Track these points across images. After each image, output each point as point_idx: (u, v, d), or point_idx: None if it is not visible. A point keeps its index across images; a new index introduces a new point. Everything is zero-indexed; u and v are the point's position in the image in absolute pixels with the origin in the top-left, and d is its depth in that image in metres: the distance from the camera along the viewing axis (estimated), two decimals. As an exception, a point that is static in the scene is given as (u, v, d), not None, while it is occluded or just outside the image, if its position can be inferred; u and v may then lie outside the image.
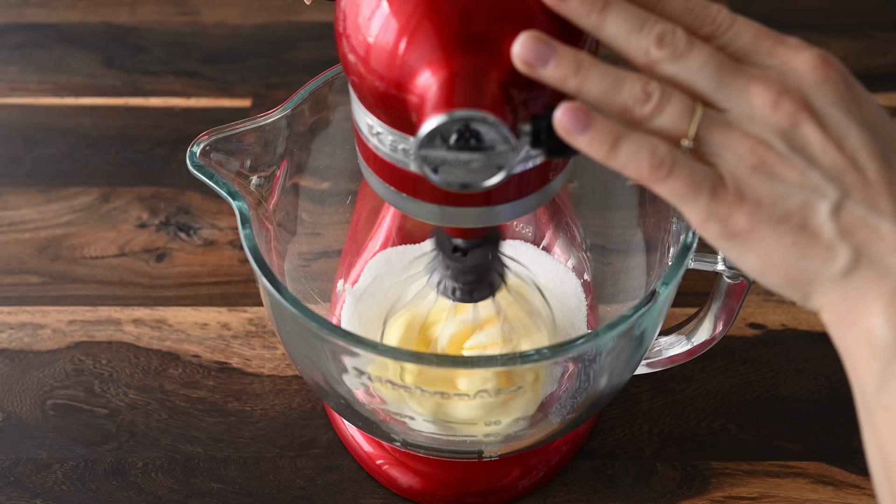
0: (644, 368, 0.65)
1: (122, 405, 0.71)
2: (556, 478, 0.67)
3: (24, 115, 0.91)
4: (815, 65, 0.41)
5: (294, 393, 0.72)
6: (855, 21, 1.00)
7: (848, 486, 0.67)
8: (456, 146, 0.41)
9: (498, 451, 0.60)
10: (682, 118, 0.41)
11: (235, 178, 0.56)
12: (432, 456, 0.61)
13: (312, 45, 0.97)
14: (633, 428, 0.70)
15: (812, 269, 0.41)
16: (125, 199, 0.84)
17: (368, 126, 0.46)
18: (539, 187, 0.47)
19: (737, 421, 0.70)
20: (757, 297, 0.77)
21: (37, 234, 0.81)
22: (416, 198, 0.47)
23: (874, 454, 0.42)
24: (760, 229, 0.40)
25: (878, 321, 0.40)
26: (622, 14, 0.41)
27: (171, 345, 0.75)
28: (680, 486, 0.67)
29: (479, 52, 0.41)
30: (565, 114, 0.40)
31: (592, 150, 0.40)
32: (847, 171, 0.40)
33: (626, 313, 0.52)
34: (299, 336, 0.55)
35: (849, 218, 0.40)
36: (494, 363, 0.50)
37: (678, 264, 0.54)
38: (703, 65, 0.41)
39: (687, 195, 0.40)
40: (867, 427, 0.42)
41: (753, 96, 0.41)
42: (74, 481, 0.67)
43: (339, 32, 0.45)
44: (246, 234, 0.54)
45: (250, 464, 0.68)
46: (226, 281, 0.78)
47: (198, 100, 0.92)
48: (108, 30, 0.98)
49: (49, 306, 0.77)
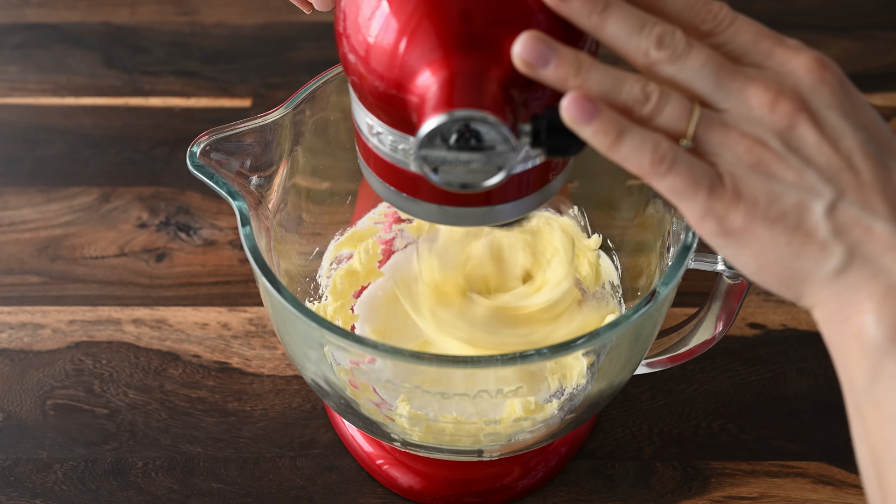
0: (644, 368, 0.65)
1: (122, 405, 0.71)
2: (556, 478, 0.67)
3: (24, 115, 0.91)
4: (812, 67, 0.42)
5: (294, 393, 0.72)
6: (855, 21, 1.00)
7: (848, 486, 0.67)
8: (456, 146, 0.41)
9: (498, 452, 0.60)
10: (680, 118, 0.41)
11: (235, 178, 0.56)
12: (432, 456, 0.61)
13: (312, 45, 0.97)
14: (633, 428, 0.70)
15: (806, 268, 0.41)
16: (125, 199, 0.84)
17: (368, 126, 0.46)
18: (539, 187, 0.47)
19: (737, 421, 0.70)
20: (757, 297, 0.77)
21: (37, 234, 0.81)
22: (416, 198, 0.47)
23: (863, 451, 0.42)
24: (756, 228, 0.41)
25: (869, 319, 0.40)
26: (622, 15, 0.41)
27: (171, 345, 0.75)
28: (680, 486, 0.67)
29: (479, 52, 0.41)
30: (573, 103, 0.40)
31: (597, 141, 0.41)
32: (842, 172, 0.41)
33: (626, 313, 0.52)
34: (299, 336, 0.55)
35: (843, 218, 0.41)
36: (494, 363, 0.50)
37: (678, 264, 0.54)
38: (702, 66, 0.41)
39: (685, 192, 0.41)
40: (856, 424, 0.43)
41: (751, 97, 0.41)
42: (74, 481, 0.67)
43: (339, 32, 0.45)
44: (246, 234, 0.54)
45: (250, 464, 0.68)
46: (226, 281, 0.78)
47: (198, 100, 0.92)
48: (108, 30, 0.99)
49: (49, 306, 0.77)
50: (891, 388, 0.40)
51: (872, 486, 0.42)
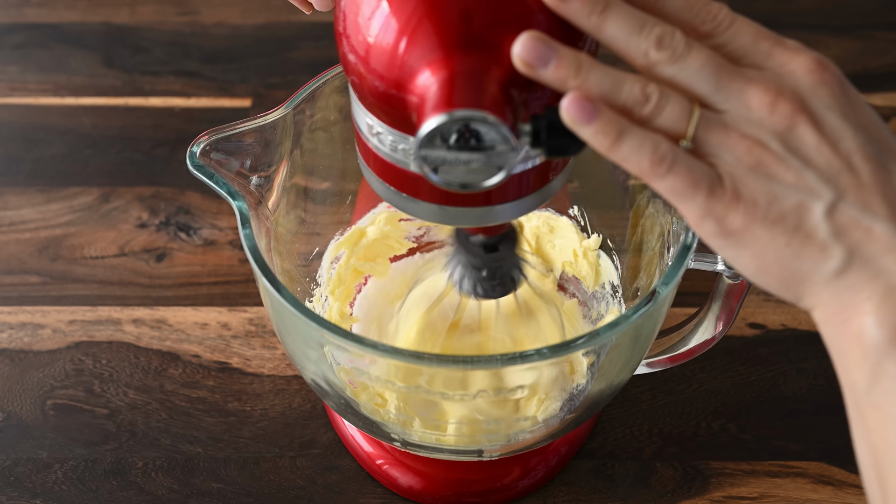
0: (644, 368, 0.65)
1: (122, 405, 0.71)
2: (556, 478, 0.67)
3: (24, 115, 0.91)
4: (811, 68, 0.42)
5: (294, 393, 0.72)
6: (855, 21, 1.00)
7: (848, 486, 0.67)
8: (456, 146, 0.41)
9: (498, 452, 0.60)
10: (680, 119, 0.41)
11: (235, 178, 0.56)
12: (432, 456, 0.61)
13: (312, 45, 0.97)
14: (633, 428, 0.70)
15: (805, 269, 0.41)
16: (125, 199, 0.84)
17: (368, 126, 0.46)
18: (539, 187, 0.47)
19: (737, 421, 0.70)
20: (757, 297, 0.77)
21: (37, 234, 0.81)
22: (416, 198, 0.47)
23: (864, 452, 0.42)
24: (756, 229, 0.41)
25: (869, 321, 0.40)
26: (622, 16, 0.41)
27: (171, 345, 0.75)
28: (680, 486, 0.67)
29: (479, 52, 0.41)
30: (573, 103, 0.40)
31: (597, 141, 0.40)
32: (842, 173, 0.41)
33: (626, 313, 0.52)
34: (299, 336, 0.55)
35: (843, 219, 0.41)
36: (494, 363, 0.50)
37: (678, 264, 0.54)
38: (702, 67, 0.41)
39: (685, 192, 0.41)
40: (857, 425, 0.43)
41: (751, 98, 0.41)
42: (74, 481, 0.67)
43: (339, 32, 0.45)
44: (246, 234, 0.54)
45: (250, 464, 0.68)
46: (226, 281, 0.78)
47: (198, 100, 0.92)
48: (108, 30, 0.99)
49: (49, 306, 0.77)
50: (891, 389, 0.40)
51: (873, 488, 0.42)
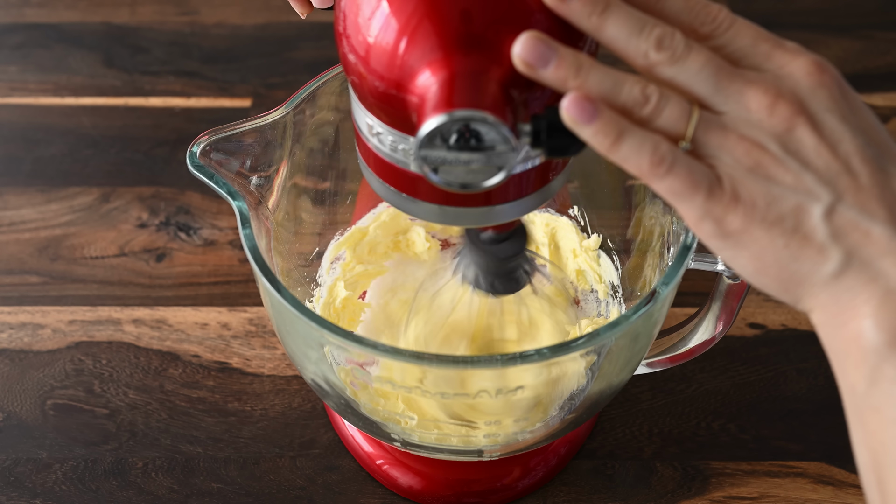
0: (644, 368, 0.65)
1: (122, 405, 0.71)
2: (556, 478, 0.68)
3: (24, 115, 0.91)
4: (810, 70, 0.42)
5: (294, 393, 0.72)
6: (855, 21, 1.00)
7: (848, 486, 0.67)
8: (456, 146, 0.41)
9: (498, 452, 0.60)
10: (679, 120, 0.41)
11: (235, 178, 0.56)
12: (432, 456, 0.61)
13: (312, 45, 0.97)
14: (633, 428, 0.70)
15: (803, 271, 0.41)
16: (125, 199, 0.84)
17: (368, 126, 0.46)
18: (539, 187, 0.47)
19: (737, 421, 0.70)
20: (757, 297, 0.77)
21: (37, 234, 0.81)
22: (416, 198, 0.47)
23: (863, 455, 0.42)
24: (754, 230, 0.41)
25: (867, 324, 0.40)
26: (622, 17, 0.41)
27: (171, 345, 0.75)
28: (680, 486, 0.67)
29: (479, 52, 0.41)
30: (573, 103, 0.40)
31: (597, 141, 0.41)
32: (840, 175, 0.41)
33: (626, 313, 0.52)
34: (299, 336, 0.55)
35: (841, 221, 0.41)
36: (494, 363, 0.50)
37: (678, 264, 0.54)
38: (701, 68, 0.41)
39: (684, 193, 0.41)
40: (856, 427, 0.42)
41: (750, 100, 0.41)
42: (74, 481, 0.67)
43: (339, 32, 0.45)
44: (246, 234, 0.54)
45: (250, 464, 0.68)
46: (226, 281, 0.78)
47: (198, 100, 0.92)
48: (108, 30, 0.99)
49: (49, 306, 0.77)
50: (890, 392, 0.40)
51: (873, 490, 0.42)
